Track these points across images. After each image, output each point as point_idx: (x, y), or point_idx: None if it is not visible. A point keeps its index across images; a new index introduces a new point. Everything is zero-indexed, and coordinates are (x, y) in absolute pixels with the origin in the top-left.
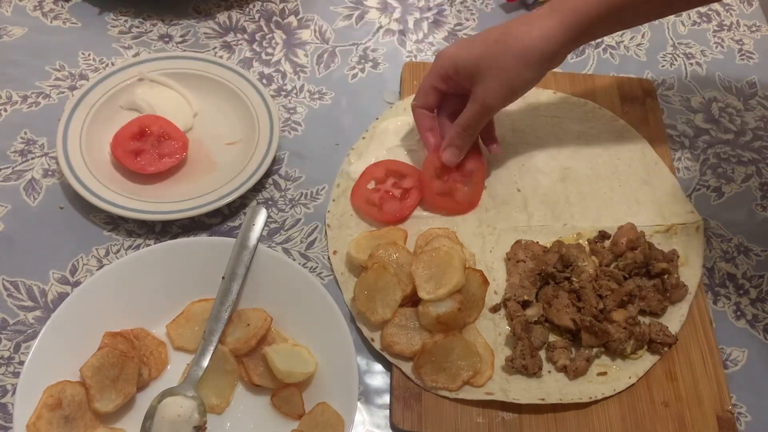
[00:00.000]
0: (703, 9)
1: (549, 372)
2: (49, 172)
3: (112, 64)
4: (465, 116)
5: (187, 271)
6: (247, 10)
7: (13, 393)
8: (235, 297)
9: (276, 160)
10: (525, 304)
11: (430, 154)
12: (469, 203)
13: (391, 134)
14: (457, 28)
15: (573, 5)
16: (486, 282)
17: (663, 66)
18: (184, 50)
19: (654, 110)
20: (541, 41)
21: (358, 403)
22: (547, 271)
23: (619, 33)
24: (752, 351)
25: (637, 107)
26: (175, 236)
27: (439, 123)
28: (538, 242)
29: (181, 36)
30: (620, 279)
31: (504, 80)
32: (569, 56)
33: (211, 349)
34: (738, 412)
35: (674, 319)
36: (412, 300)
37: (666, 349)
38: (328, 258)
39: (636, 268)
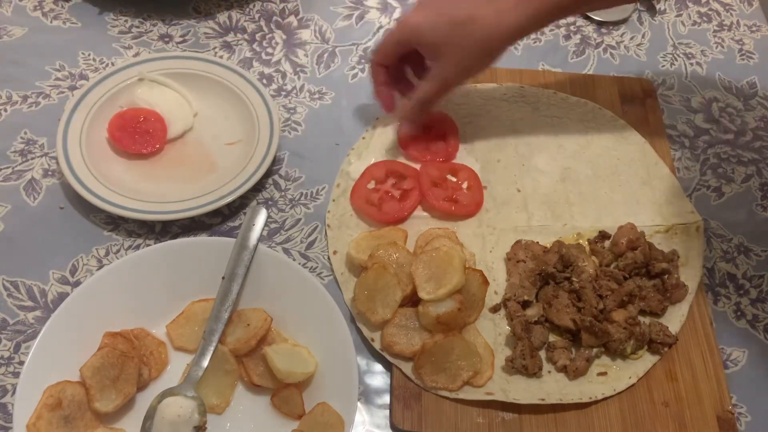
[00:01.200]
0: (703, 9)
1: (549, 372)
2: (49, 172)
3: (112, 64)
4: (422, 92)
5: (187, 271)
6: (247, 10)
7: (13, 393)
8: (235, 297)
9: (276, 160)
10: (525, 304)
11: (425, 165)
12: (475, 204)
13: (391, 134)
14: None
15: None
16: (486, 282)
17: (663, 66)
18: (184, 50)
19: (654, 110)
20: (506, 34)
21: (358, 403)
22: (547, 271)
23: (620, 33)
24: (752, 351)
25: (637, 107)
26: (175, 236)
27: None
28: (538, 242)
29: (181, 36)
30: (620, 279)
31: (465, 64)
32: (569, 56)
33: (211, 349)
34: (738, 412)
35: (674, 319)
36: (412, 300)
37: (666, 349)
38: (328, 258)
39: (636, 268)
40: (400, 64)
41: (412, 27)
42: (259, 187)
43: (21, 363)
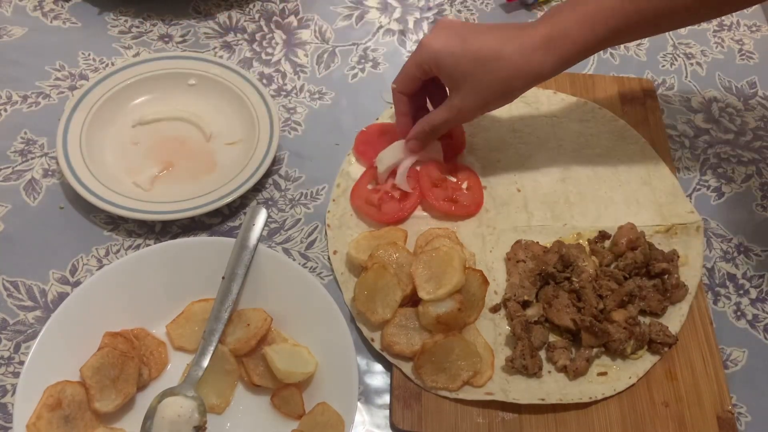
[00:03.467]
0: None
1: (549, 372)
2: (49, 172)
3: (112, 64)
4: (436, 117)
5: (187, 271)
6: (247, 10)
7: (13, 393)
8: (235, 297)
9: (276, 160)
10: (525, 304)
11: (425, 165)
12: (475, 205)
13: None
14: None
15: (571, 42)
16: (486, 282)
17: (663, 66)
18: (184, 50)
19: (654, 110)
20: (529, 77)
21: (358, 403)
22: (547, 271)
23: None
24: (752, 351)
25: (637, 107)
26: (175, 236)
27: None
28: (538, 242)
29: (181, 36)
30: (620, 279)
31: (483, 99)
32: None
33: (211, 349)
34: (738, 412)
35: (674, 319)
36: (412, 300)
37: (666, 349)
38: (328, 258)
39: (636, 268)
40: (421, 94)
41: (434, 53)
42: (259, 187)
43: (21, 363)
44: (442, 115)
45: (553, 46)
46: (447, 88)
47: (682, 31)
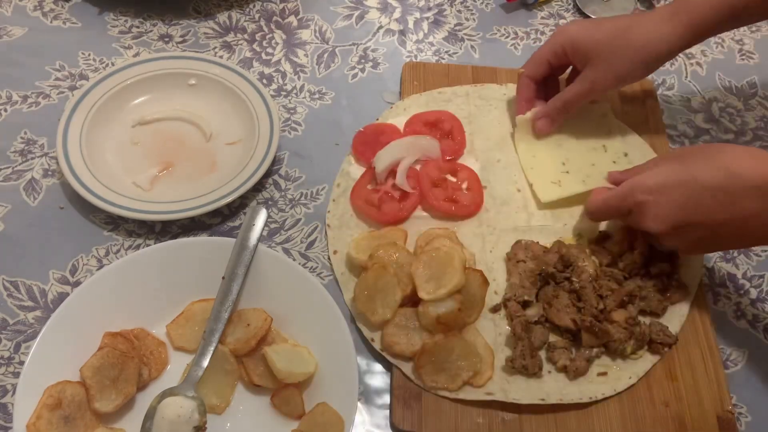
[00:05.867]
0: None
1: (549, 372)
2: (49, 172)
3: (112, 64)
4: (570, 93)
5: (187, 271)
6: (247, 10)
7: (13, 393)
8: (235, 297)
9: (276, 160)
10: (525, 304)
11: (425, 165)
12: (475, 205)
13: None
14: (457, 28)
15: (697, 11)
16: (486, 282)
17: (663, 66)
18: (184, 50)
19: (654, 110)
20: (660, 45)
21: (358, 403)
22: (547, 271)
23: None
24: (752, 351)
25: (637, 107)
26: (175, 236)
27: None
28: (538, 242)
29: (181, 36)
30: (620, 279)
31: (617, 70)
32: None
33: (211, 349)
34: (738, 412)
35: (674, 319)
36: (412, 300)
37: (666, 349)
38: (328, 258)
39: (636, 268)
40: (543, 84)
41: (570, 33)
42: (259, 187)
43: (21, 363)
44: (575, 89)
45: (679, 13)
46: (580, 69)
47: None
